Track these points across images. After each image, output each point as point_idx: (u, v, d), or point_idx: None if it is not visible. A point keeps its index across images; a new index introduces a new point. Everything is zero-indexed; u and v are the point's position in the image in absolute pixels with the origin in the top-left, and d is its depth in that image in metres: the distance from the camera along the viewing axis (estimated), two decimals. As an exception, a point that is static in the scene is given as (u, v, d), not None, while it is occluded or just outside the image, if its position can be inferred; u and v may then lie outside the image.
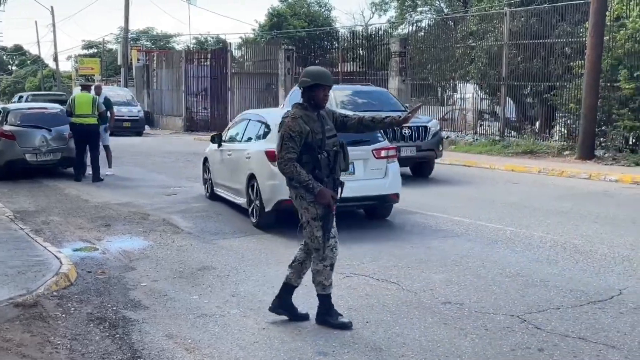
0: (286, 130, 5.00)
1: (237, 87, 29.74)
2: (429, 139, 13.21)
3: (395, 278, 6.42)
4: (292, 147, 4.97)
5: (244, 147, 9.62)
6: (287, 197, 5.61)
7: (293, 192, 5.16)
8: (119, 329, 5.19)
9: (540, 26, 18.11)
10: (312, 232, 5.11)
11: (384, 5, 40.02)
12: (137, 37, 51.20)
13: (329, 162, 5.09)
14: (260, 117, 9.68)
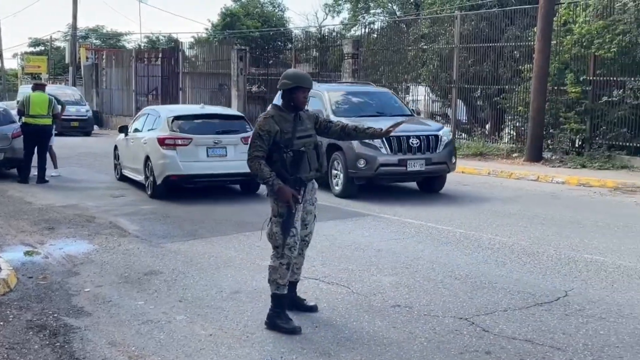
0: (256, 130, 5.16)
1: (188, 86, 29.39)
2: (440, 150, 11.37)
3: (346, 281, 6.38)
4: (259, 146, 5.10)
5: (142, 135, 11.98)
6: (174, 172, 9.14)
7: (267, 189, 5.28)
8: (59, 337, 5.01)
9: (490, 30, 18.37)
10: (271, 229, 5.21)
11: (337, 7, 40.07)
12: (86, 35, 50.14)
13: (293, 161, 5.16)
14: (155, 111, 12.37)
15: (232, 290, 6.15)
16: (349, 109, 12.21)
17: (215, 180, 11.45)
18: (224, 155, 11.11)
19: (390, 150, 10.96)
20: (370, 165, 10.97)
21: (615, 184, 12.69)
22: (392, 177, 11.66)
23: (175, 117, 11.46)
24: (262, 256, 7.39)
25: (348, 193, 11.30)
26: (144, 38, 47.35)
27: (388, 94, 13.66)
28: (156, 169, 11.06)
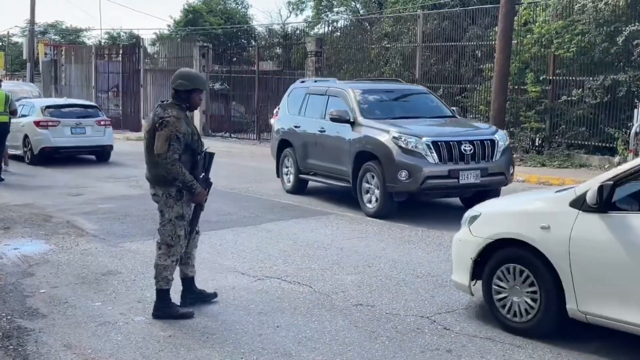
0: (172, 131, 5.07)
1: (150, 83, 29.01)
2: (497, 158, 9.40)
3: (308, 280, 6.34)
4: (177, 148, 5.09)
5: (20, 120, 15.43)
6: (47, 145, 14.33)
7: (160, 189, 5.25)
8: (12, 339, 4.87)
9: (453, 29, 18.52)
10: (175, 231, 5.26)
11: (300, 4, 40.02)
12: (44, 31, 49.14)
13: (204, 162, 5.32)
14: (30, 102, 16.91)
15: (193, 290, 6.04)
16: (380, 109, 10.41)
17: (77, 151, 16.33)
18: (84, 133, 16.06)
19: (439, 159, 8.97)
20: (415, 178, 8.92)
21: (574, 182, 12.88)
22: (441, 192, 9.59)
23: (47, 106, 16.26)
24: (223, 255, 7.32)
25: (386, 212, 9.32)
26: (104, 34, 46.71)
27: (423, 92, 11.62)
28: (33, 143, 15.73)
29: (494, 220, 5.27)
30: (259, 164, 16.42)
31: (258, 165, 16.20)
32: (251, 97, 25.33)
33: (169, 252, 5.27)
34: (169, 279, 5.30)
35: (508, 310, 5.01)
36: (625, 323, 4.42)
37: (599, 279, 4.52)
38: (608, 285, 4.49)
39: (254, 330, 5.08)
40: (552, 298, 4.72)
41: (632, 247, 4.33)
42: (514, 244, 4.97)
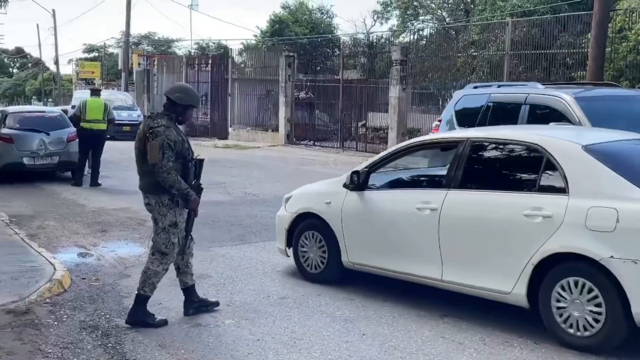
0: (165, 140, 5.16)
1: (237, 92, 29.72)
2: None
3: (393, 290, 6.34)
4: (170, 156, 5.18)
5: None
6: None
7: (153, 198, 5.32)
8: (111, 337, 5.12)
9: (542, 36, 18.09)
10: (169, 239, 5.33)
11: (385, 13, 40.05)
12: (138, 42, 51.25)
13: (195, 170, 5.43)
14: None
15: (280, 296, 6.18)
16: (616, 121, 7.13)
17: None
18: None
19: None
20: None
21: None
22: None
23: None
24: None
25: None
26: (194, 44, 48.14)
27: None
28: None
29: (299, 200, 6.91)
30: (341, 172, 16.49)
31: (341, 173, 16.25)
32: (335, 106, 25.54)
33: (162, 260, 5.36)
34: (155, 286, 5.39)
35: (308, 264, 6.63)
36: (375, 267, 6.20)
37: (359, 238, 6.25)
38: (364, 242, 6.22)
39: (340, 337, 5.14)
40: (333, 254, 6.41)
41: (376, 214, 6.12)
42: (311, 216, 6.62)
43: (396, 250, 5.97)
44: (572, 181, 4.94)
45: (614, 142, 5.63)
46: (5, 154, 13.70)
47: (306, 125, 26.98)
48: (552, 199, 4.99)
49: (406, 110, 22.03)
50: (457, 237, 5.51)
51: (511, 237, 5.16)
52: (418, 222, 5.75)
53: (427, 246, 5.69)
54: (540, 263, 4.96)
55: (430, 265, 5.67)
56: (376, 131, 24.28)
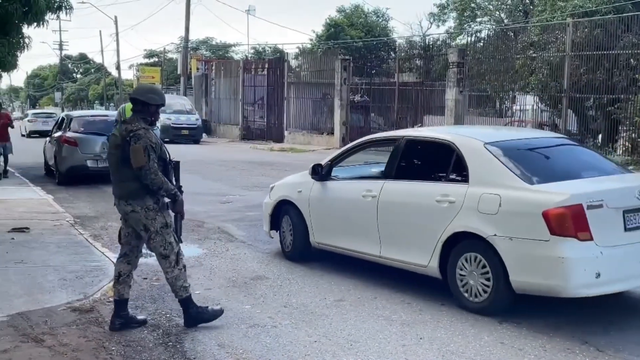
0: (147, 143, 5.12)
1: (293, 96, 29.93)
2: None
3: (450, 294, 6.27)
4: (155, 158, 5.15)
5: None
6: None
7: (137, 204, 5.22)
8: (172, 336, 5.22)
9: (605, 37, 17.61)
10: (165, 240, 5.27)
11: (442, 15, 39.69)
12: (197, 47, 52.15)
13: (175, 171, 5.44)
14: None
15: (336, 298, 6.20)
16: None
17: None
18: None
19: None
20: None
21: None
22: None
23: None
24: (365, 264, 7.41)
25: None
26: (251, 49, 48.73)
27: None
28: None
29: (279, 189, 7.96)
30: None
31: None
32: (390, 109, 25.45)
33: (170, 264, 5.29)
34: (185, 286, 5.35)
35: (285, 245, 7.78)
36: (333, 246, 7.23)
37: (321, 221, 7.30)
38: (325, 225, 7.28)
39: (397, 340, 5.12)
40: (301, 234, 7.50)
41: (334, 200, 7.17)
42: (287, 203, 7.68)
43: (348, 231, 7.05)
44: (472, 172, 5.90)
45: (512, 140, 6.51)
46: (70, 156, 14.17)
47: (361, 128, 26.95)
48: (456, 187, 5.97)
49: (463, 113, 21.77)
50: (390, 219, 6.50)
51: (427, 219, 6.12)
52: (363, 208, 6.76)
53: (369, 227, 6.68)
54: (447, 240, 5.89)
55: (372, 243, 6.68)
56: (432, 134, 24.06)
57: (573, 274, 5.19)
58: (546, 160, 6.23)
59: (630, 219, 5.46)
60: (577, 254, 5.19)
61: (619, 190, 5.73)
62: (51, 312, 5.64)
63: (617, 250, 5.37)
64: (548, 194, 5.40)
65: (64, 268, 7.00)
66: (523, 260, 5.41)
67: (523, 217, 5.43)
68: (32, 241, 8.30)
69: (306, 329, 5.39)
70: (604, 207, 5.34)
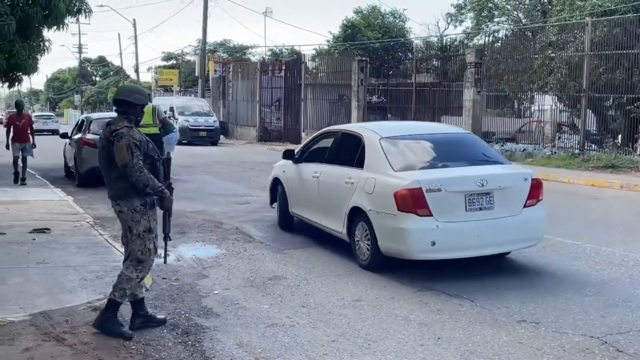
0: (131, 140, 5.07)
1: (310, 98, 29.97)
2: None
3: (468, 294, 6.27)
4: (139, 155, 5.09)
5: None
6: None
7: (125, 205, 5.19)
8: (191, 335, 5.26)
9: (624, 36, 17.46)
10: (145, 245, 5.21)
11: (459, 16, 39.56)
12: (214, 49, 52.42)
13: (163, 169, 5.36)
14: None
15: (354, 298, 6.21)
16: None
17: None
18: None
19: None
20: None
21: None
22: None
23: None
24: (382, 265, 7.41)
25: None
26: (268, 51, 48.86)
27: None
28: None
29: (274, 169, 9.93)
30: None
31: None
32: (408, 110, 25.40)
33: (137, 267, 5.22)
34: (125, 292, 5.20)
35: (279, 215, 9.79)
36: (299, 215, 9.06)
37: (295, 195, 9.11)
38: (297, 198, 9.05)
39: (415, 340, 5.12)
40: (283, 205, 9.46)
41: (299, 179, 8.94)
42: (277, 180, 9.64)
43: (306, 204, 8.85)
44: (367, 160, 7.52)
45: (404, 135, 7.99)
46: (90, 158, 14.24)
47: (379, 129, 26.92)
48: (357, 172, 7.56)
49: (481, 113, 21.68)
50: (325, 195, 8.23)
51: (340, 196, 7.75)
52: (312, 185, 8.56)
53: (315, 201, 8.49)
54: (350, 213, 7.50)
55: (318, 214, 8.45)
56: (450, 135, 24.00)
57: (412, 241, 6.69)
58: (422, 152, 7.59)
59: (471, 201, 6.79)
60: (415, 226, 6.64)
61: (461, 178, 6.97)
62: (72, 312, 5.70)
63: (455, 225, 6.73)
64: (400, 180, 6.88)
65: (84, 268, 7.08)
66: (384, 230, 6.94)
67: (384, 197, 6.92)
68: (52, 242, 8.40)
69: (324, 328, 5.40)
70: (443, 191, 6.71)
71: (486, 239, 6.84)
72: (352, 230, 7.48)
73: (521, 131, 21.43)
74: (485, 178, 6.85)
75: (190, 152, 24.41)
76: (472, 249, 6.84)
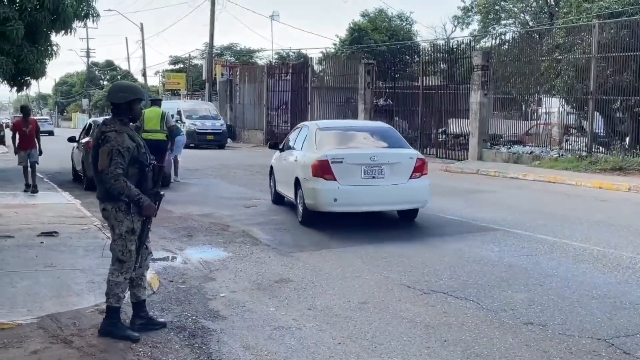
0: (114, 146, 5.00)
1: (317, 101, 30.01)
2: None
3: (475, 296, 6.27)
4: (120, 163, 5.00)
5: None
6: None
7: (110, 204, 5.15)
8: (197, 338, 5.28)
9: (632, 38, 17.40)
10: (125, 246, 5.17)
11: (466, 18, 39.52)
12: (221, 53, 52.50)
13: (153, 175, 5.28)
14: None
15: (360, 301, 6.21)
16: None
17: None
18: None
19: None
20: None
21: None
22: None
23: None
24: (389, 268, 7.42)
25: None
26: (274, 54, 48.91)
27: None
28: None
29: (272, 158, 12.61)
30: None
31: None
32: (415, 113, 25.38)
33: (121, 269, 5.18)
34: (119, 296, 5.20)
35: None
36: (281, 192, 11.55)
37: (277, 176, 11.88)
38: (278, 178, 11.76)
39: (422, 342, 5.12)
40: (274, 185, 12.09)
41: (280, 163, 11.67)
42: (271, 166, 12.56)
43: (280, 181, 11.63)
44: (305, 144, 10.45)
45: (334, 126, 11.23)
46: (97, 162, 14.33)
47: (385, 132, 26.89)
48: (300, 152, 10.51)
49: (488, 116, 21.66)
50: (286, 172, 11.12)
51: (290, 171, 10.64)
52: (283, 166, 11.47)
53: (283, 177, 11.29)
54: (295, 181, 10.23)
55: (285, 187, 11.12)
56: (456, 138, 23.98)
57: (320, 197, 9.49)
58: (342, 139, 10.37)
59: (365, 171, 9.48)
60: (323, 186, 9.43)
61: (358, 154, 9.72)
62: (80, 314, 5.73)
63: (352, 188, 9.46)
64: (316, 154, 9.74)
65: (92, 271, 7.11)
66: (306, 191, 9.73)
67: (307, 167, 9.76)
68: (60, 245, 8.43)
69: (330, 331, 5.41)
70: (344, 163, 9.45)
71: (377, 199, 9.51)
72: (296, 195, 10.21)
73: (528, 134, 21.38)
74: (376, 155, 9.63)
75: (198, 156, 24.48)
76: (365, 205, 9.60)
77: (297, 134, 11.38)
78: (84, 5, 14.98)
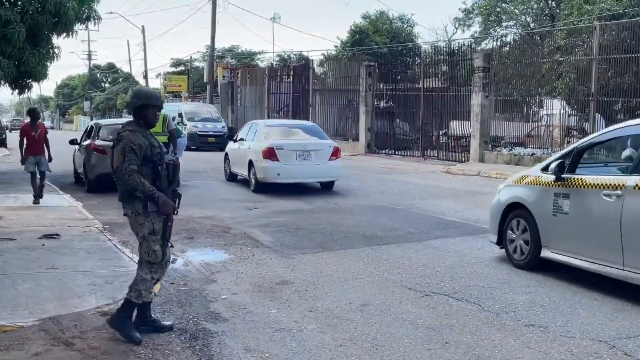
0: (127, 144, 5.09)
1: (318, 103, 30.03)
2: None
3: (476, 298, 6.27)
4: (134, 159, 5.07)
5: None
6: None
7: (129, 208, 5.21)
8: (199, 340, 5.28)
9: (633, 40, 17.42)
10: (150, 247, 5.23)
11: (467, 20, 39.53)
12: (222, 55, 52.53)
13: (168, 174, 5.30)
14: None
15: (361, 303, 6.21)
16: None
17: None
18: None
19: None
20: None
21: None
22: None
23: None
24: (390, 270, 7.43)
25: None
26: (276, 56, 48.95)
27: None
28: None
29: (226, 148, 17.33)
30: (423, 181, 16.41)
31: (422, 182, 16.20)
32: (416, 115, 25.40)
33: (150, 268, 5.26)
34: (141, 293, 5.24)
35: None
36: (235, 172, 16.18)
37: (232, 160, 16.40)
38: (233, 161, 16.32)
39: (423, 344, 5.12)
40: (228, 167, 16.80)
41: (234, 152, 16.28)
42: (227, 154, 17.30)
43: (240, 164, 15.17)
44: (256, 136, 14.80)
45: (277, 124, 16.40)
46: (99, 164, 14.38)
47: (387, 134, 26.94)
48: (253, 142, 14.68)
49: (489, 117, 21.68)
50: (240, 157, 15.37)
51: (245, 156, 14.82)
52: (237, 153, 15.66)
53: (238, 161, 15.49)
54: (248, 163, 14.48)
55: (240, 168, 15.31)
56: (458, 139, 24.00)
57: (267, 173, 13.92)
58: (283, 133, 14.88)
59: (299, 155, 13.91)
60: (270, 165, 13.83)
61: (294, 143, 14.15)
62: (81, 317, 5.74)
63: (290, 166, 13.86)
64: (265, 144, 13.96)
65: (94, 273, 7.12)
66: (257, 169, 13.99)
67: (258, 152, 13.96)
68: (62, 247, 8.45)
69: (332, 333, 5.41)
70: (284, 149, 13.80)
71: (306, 175, 14.23)
72: (249, 172, 14.49)
73: (530, 135, 21.40)
74: (305, 144, 14.22)
75: (199, 158, 24.51)
76: (299, 178, 14.21)
77: (247, 129, 15.79)
78: (86, 8, 15.02)
